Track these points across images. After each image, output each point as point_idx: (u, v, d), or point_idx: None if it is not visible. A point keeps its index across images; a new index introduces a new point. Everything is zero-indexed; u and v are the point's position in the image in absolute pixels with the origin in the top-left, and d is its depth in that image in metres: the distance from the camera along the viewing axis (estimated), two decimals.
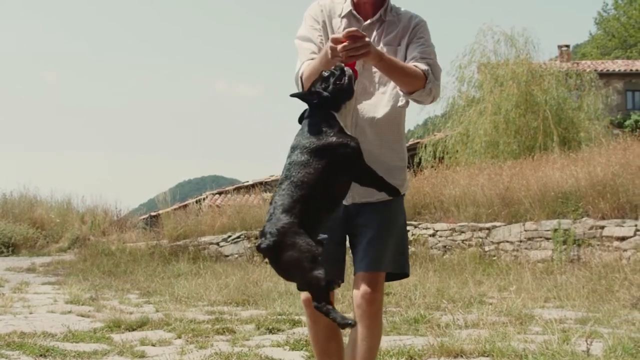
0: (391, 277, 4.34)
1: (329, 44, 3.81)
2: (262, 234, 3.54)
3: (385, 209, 4.24)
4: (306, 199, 3.59)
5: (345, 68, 3.85)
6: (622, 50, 68.99)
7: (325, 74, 3.85)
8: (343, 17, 4.29)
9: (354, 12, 4.28)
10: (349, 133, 3.79)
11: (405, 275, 4.38)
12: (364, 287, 4.13)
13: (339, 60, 3.82)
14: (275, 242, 3.47)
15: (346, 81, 3.81)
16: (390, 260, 4.18)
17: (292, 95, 3.90)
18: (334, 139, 3.71)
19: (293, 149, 3.75)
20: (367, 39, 3.77)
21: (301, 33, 4.35)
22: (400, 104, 4.22)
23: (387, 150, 4.22)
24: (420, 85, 4.06)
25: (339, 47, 3.73)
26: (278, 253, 3.50)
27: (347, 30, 3.74)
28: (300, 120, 3.91)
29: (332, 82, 3.81)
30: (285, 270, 3.60)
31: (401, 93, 4.17)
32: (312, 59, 4.13)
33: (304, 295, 4.14)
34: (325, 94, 3.79)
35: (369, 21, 4.27)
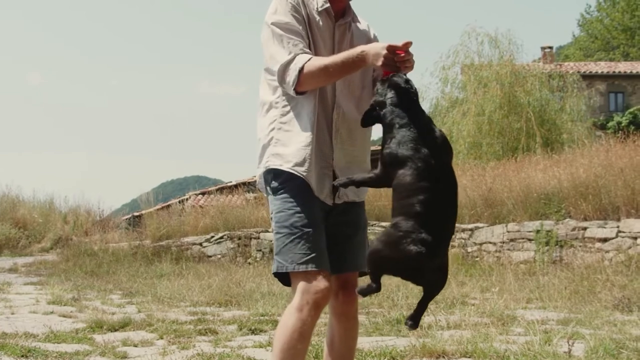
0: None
1: (384, 51, 3.76)
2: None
3: (363, 209, 4.31)
4: None
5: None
6: (605, 52, 69.34)
7: (398, 80, 3.78)
8: (319, 12, 4.13)
9: (330, 9, 4.14)
10: None
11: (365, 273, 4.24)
12: (350, 289, 4.15)
13: (388, 68, 3.82)
14: None
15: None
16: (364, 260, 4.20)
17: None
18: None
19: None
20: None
21: (282, 19, 4.01)
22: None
23: (365, 152, 4.26)
24: None
25: (396, 57, 3.77)
26: None
27: (406, 41, 3.74)
28: (369, 122, 3.95)
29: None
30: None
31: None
32: (305, 53, 3.94)
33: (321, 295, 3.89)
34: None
35: (341, 21, 4.19)
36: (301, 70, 3.88)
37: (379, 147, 3.72)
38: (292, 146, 3.98)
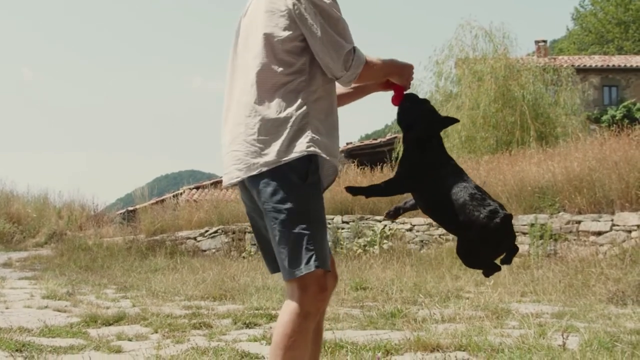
0: None
1: (410, 68, 4.09)
2: (496, 209, 3.98)
3: None
4: None
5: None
6: (599, 45, 69.36)
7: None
8: None
9: None
10: None
11: None
12: None
13: (403, 83, 4.14)
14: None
15: None
16: None
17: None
18: None
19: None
20: None
21: (336, 5, 3.86)
22: None
23: None
24: None
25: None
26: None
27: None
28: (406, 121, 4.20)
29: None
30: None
31: None
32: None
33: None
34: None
35: None
36: (364, 63, 3.83)
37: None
38: (325, 134, 3.84)
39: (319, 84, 3.81)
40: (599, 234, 14.40)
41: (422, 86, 33.77)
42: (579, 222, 14.72)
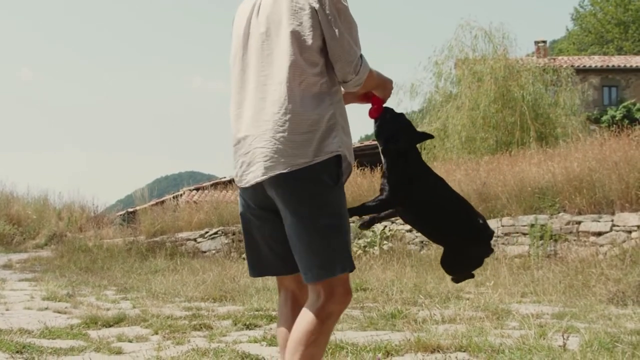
0: None
1: (391, 83, 4.17)
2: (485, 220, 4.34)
3: None
4: None
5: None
6: (599, 46, 69.40)
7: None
8: None
9: None
10: None
11: None
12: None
13: (384, 96, 4.22)
14: None
15: None
16: None
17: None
18: None
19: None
20: None
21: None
22: None
23: None
24: None
25: None
26: None
27: None
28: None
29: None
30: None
31: None
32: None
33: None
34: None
35: None
36: (369, 71, 3.89)
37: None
38: (348, 134, 3.87)
39: (336, 84, 3.84)
40: (599, 234, 14.39)
41: (421, 87, 33.93)
42: (579, 223, 14.71)
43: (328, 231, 3.69)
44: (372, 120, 4.25)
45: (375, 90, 4.13)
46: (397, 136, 4.20)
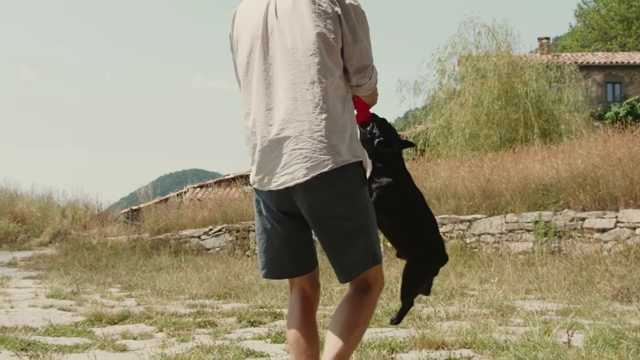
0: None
1: (376, 90, 4.16)
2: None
3: None
4: None
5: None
6: (602, 42, 69.39)
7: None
8: None
9: None
10: None
11: None
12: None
13: (373, 102, 4.31)
14: None
15: None
16: None
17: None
18: None
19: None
20: None
21: None
22: None
23: None
24: None
25: None
26: None
27: None
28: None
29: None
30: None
31: None
32: None
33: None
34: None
35: None
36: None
37: None
38: (359, 142, 3.99)
39: (349, 89, 3.93)
40: (603, 231, 14.38)
41: (425, 84, 33.86)
42: (583, 219, 14.70)
43: (371, 225, 3.88)
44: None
45: (365, 97, 4.16)
46: (391, 140, 4.26)
